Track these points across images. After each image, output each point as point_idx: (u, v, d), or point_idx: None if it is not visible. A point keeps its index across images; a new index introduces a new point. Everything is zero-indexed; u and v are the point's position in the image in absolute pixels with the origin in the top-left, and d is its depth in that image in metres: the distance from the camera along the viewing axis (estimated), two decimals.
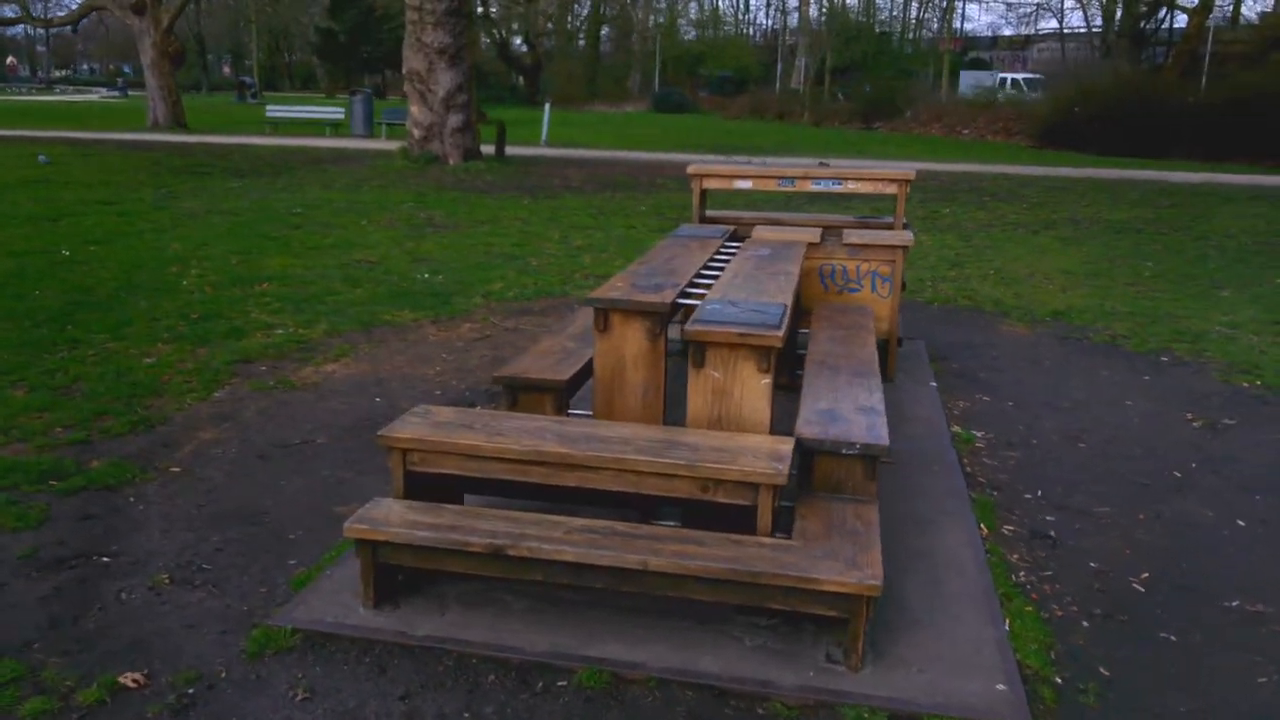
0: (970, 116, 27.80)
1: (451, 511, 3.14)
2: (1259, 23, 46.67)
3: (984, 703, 2.75)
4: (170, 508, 3.98)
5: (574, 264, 9.06)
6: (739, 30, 56.88)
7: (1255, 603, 3.43)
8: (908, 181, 5.92)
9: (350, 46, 47.79)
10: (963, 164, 19.94)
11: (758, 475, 3.02)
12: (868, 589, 2.78)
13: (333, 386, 5.54)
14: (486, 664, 2.94)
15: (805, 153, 21.59)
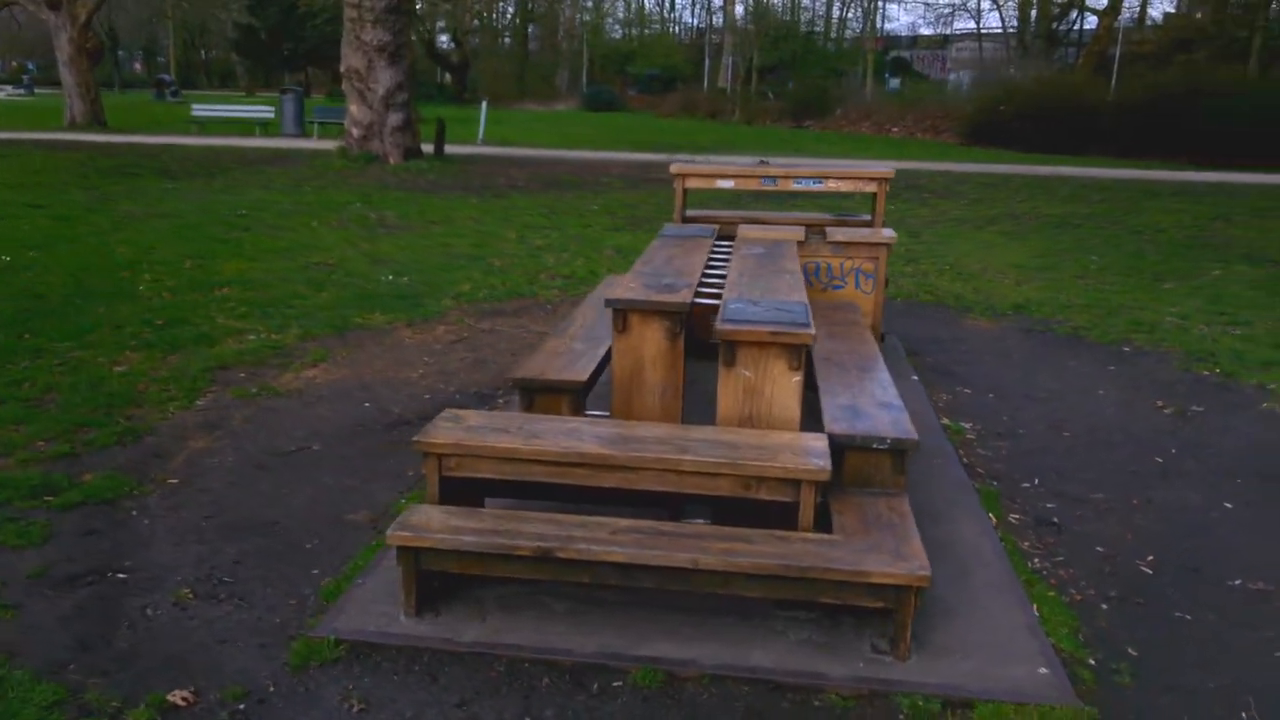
0: (899, 114, 28.38)
1: (492, 515, 3.13)
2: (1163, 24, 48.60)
3: (1031, 686, 2.84)
4: (176, 520, 3.88)
5: (537, 264, 9.03)
6: (665, 29, 57.09)
7: (1256, 581, 3.59)
8: (887, 180, 6.05)
9: (271, 43, 46.71)
10: (897, 161, 20.30)
11: (801, 472, 3.07)
12: (917, 579, 2.85)
13: (317, 392, 5.44)
14: (538, 667, 2.94)
15: (743, 151, 21.79)
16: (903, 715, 2.75)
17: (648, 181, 16.22)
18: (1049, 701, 2.78)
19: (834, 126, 29.29)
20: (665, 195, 14.46)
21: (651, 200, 13.85)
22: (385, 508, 4.04)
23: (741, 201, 13.41)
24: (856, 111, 29.77)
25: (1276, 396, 5.62)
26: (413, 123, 17.18)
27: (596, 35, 52.23)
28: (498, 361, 6.05)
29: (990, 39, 54.19)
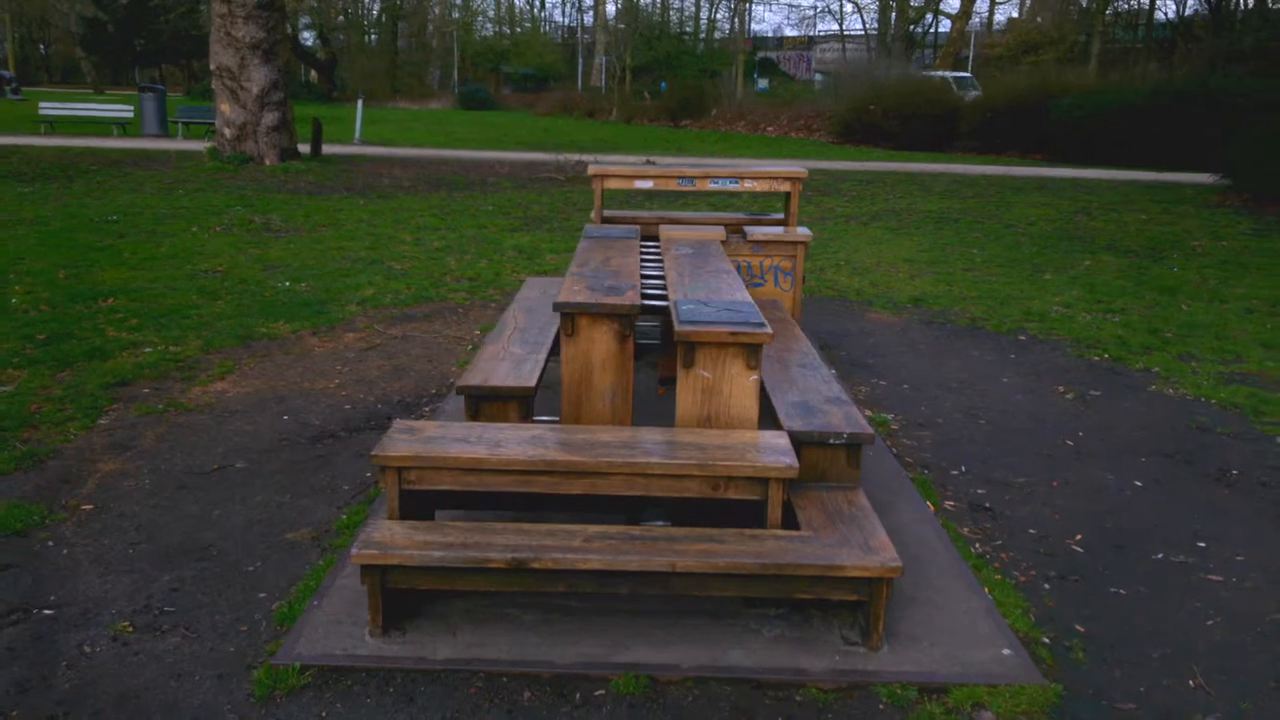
0: (773, 114, 29.00)
1: (457, 528, 3.06)
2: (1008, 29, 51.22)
3: (999, 668, 2.95)
4: (99, 549, 3.65)
5: (439, 267, 8.85)
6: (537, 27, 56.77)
7: (1176, 554, 3.83)
8: (800, 180, 6.17)
9: (121, 38, 44.32)
10: (776, 160, 20.77)
11: (769, 470, 3.10)
12: (889, 570, 2.93)
13: (230, 406, 5.20)
14: (517, 681, 2.89)
15: (626, 150, 21.87)
16: (882, 704, 2.82)
17: (536, 181, 16.11)
18: (1017, 681, 2.89)
19: (711, 126, 29.71)
20: (558, 194, 14.42)
21: (544, 200, 13.76)
22: (325, 525, 3.89)
23: (644, 201, 13.47)
24: (732, 111, 30.27)
25: (1162, 379, 5.99)
26: (289, 122, 16.60)
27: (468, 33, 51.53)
28: (416, 369, 5.91)
29: (853, 40, 56.08)
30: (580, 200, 13.80)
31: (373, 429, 4.95)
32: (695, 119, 30.52)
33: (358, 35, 49.01)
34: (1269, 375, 6.11)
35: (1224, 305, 8.02)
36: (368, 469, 4.44)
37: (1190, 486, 4.46)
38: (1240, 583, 3.60)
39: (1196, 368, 6.24)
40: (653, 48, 38.82)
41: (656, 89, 38.45)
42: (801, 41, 62.19)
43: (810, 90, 36.84)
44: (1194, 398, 5.66)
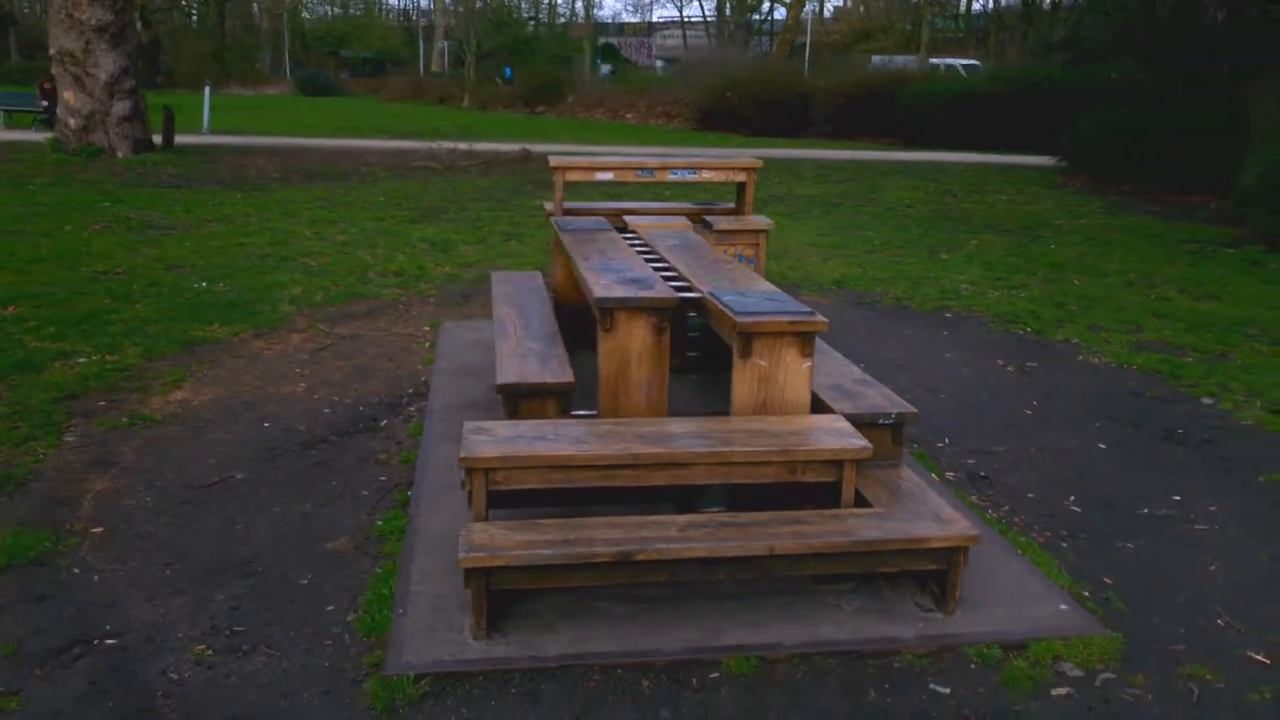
0: (631, 101, 29.25)
1: (554, 526, 3.08)
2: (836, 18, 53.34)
3: (1065, 622, 3.22)
4: (132, 572, 3.46)
5: (356, 262, 8.60)
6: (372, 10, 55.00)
7: (1158, 509, 4.23)
8: (755, 170, 6.35)
9: None
10: (643, 146, 21.01)
11: (845, 452, 3.26)
12: (968, 539, 3.15)
13: (199, 416, 4.97)
14: (632, 671, 2.95)
15: (491, 137, 21.60)
16: (973, 664, 3.04)
17: (412, 170, 15.75)
18: (1084, 633, 3.17)
19: (569, 113, 29.69)
20: (443, 184, 14.16)
21: (431, 190, 13.49)
22: (363, 532, 3.81)
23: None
24: (591, 98, 30.33)
25: (1084, 350, 6.51)
26: (142, 112, 15.63)
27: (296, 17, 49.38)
28: (379, 369, 5.78)
29: (693, 28, 57.06)
30: (469, 190, 13.61)
31: (362, 432, 4.84)
32: (551, 105, 30.42)
33: (181, 17, 46.26)
34: (1168, 342, 6.74)
35: (1106, 279, 8.74)
36: (381, 473, 4.35)
37: (1146, 446, 4.91)
38: (1223, 531, 4.02)
39: (1108, 338, 6.81)
40: (501, 32, 38.34)
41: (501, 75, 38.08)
42: (642, 28, 62.81)
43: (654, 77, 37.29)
44: (1116, 365, 6.20)
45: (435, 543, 3.62)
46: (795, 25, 45.69)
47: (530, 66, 35.59)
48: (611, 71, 46.37)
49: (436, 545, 3.61)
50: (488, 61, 40.68)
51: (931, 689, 2.93)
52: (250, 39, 47.97)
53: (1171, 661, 3.10)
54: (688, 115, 27.29)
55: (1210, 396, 5.62)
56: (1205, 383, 5.84)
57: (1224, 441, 4.97)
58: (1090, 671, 3.02)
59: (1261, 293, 8.31)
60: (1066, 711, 2.85)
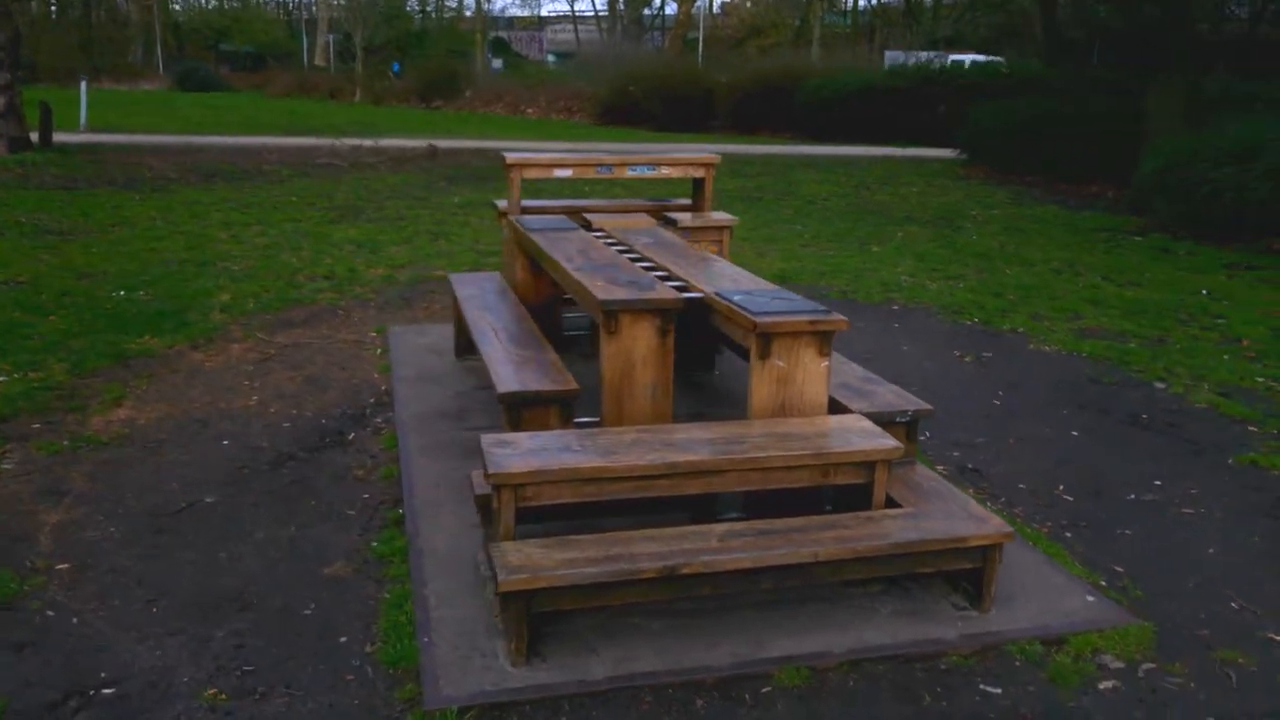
0: (531, 96, 28.89)
1: (590, 542, 2.94)
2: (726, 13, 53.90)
3: (1096, 614, 3.24)
4: (114, 612, 3.17)
5: (282, 265, 8.20)
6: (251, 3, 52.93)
7: (1144, 494, 4.32)
8: (713, 165, 6.27)
9: None
10: (550, 142, 20.76)
11: (877, 453, 3.21)
12: (1004, 536, 3.13)
13: (149, 436, 4.62)
14: (683, 690, 2.84)
15: (393, 133, 21.00)
16: (1018, 662, 3.02)
17: (317, 168, 15.18)
18: (1116, 624, 3.19)
19: (467, 107, 29.15)
20: (355, 182, 13.67)
21: (343, 188, 13.01)
22: (359, 555, 3.58)
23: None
24: (489, 93, 29.84)
25: (1033, 339, 6.66)
26: (18, 108, 14.67)
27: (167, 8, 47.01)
28: (332, 379, 5.49)
29: (584, 22, 56.85)
30: (382, 188, 13.18)
31: (330, 446, 4.58)
32: (448, 100, 29.83)
33: (42, 6, 43.60)
34: (1108, 328, 6.95)
35: (1035, 268, 8.98)
36: (363, 491, 4.12)
37: (1116, 432, 5.02)
38: (1210, 514, 4.12)
39: (1051, 326, 6.98)
40: (391, 26, 37.37)
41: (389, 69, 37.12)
42: (532, 22, 62.21)
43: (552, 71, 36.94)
44: (1066, 353, 6.35)
45: (444, 563, 3.43)
46: (687, 20, 45.91)
47: (422, 61, 34.78)
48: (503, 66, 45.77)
49: (446, 566, 3.41)
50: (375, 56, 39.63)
51: (982, 689, 2.90)
52: (118, 31, 45.56)
53: (1202, 647, 3.15)
54: (590, 110, 27.12)
55: (1161, 381, 5.80)
56: (1153, 367, 6.04)
57: (1186, 425, 5.12)
58: (1131, 663, 3.04)
59: (1178, 279, 8.67)
60: (1117, 705, 2.85)
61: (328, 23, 47.04)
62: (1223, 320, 7.24)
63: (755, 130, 25.08)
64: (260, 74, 41.31)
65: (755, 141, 22.83)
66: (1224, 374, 5.93)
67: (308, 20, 51.48)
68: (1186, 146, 10.86)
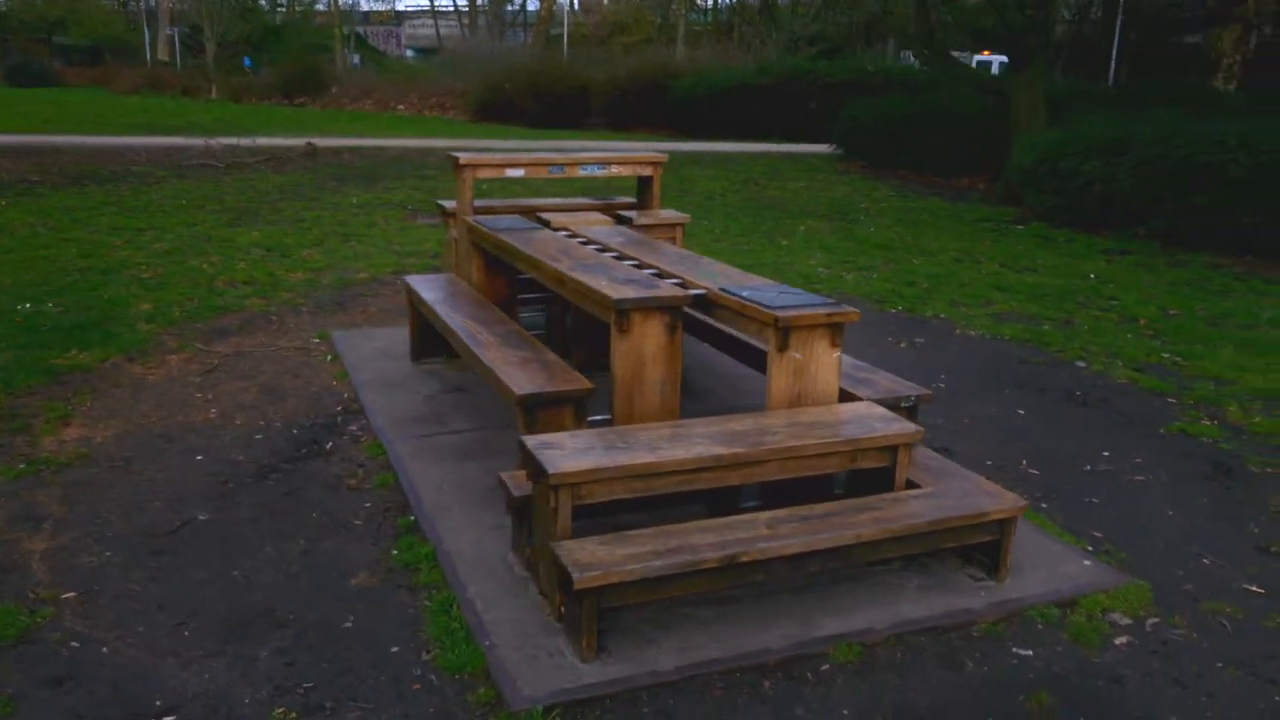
0: (402, 93, 28.28)
1: (646, 536, 3.00)
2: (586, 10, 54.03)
3: (1096, 576, 3.51)
4: (143, 638, 3.05)
5: (193, 271, 7.85)
6: None
7: (1097, 465, 4.67)
8: (661, 163, 6.36)
9: None
10: (428, 139, 20.42)
11: (900, 438, 3.38)
12: (1020, 509, 3.36)
13: (112, 454, 4.41)
14: (749, 673, 2.94)
15: (263, 132, 20.23)
16: (1040, 625, 3.25)
17: (193, 169, 14.50)
18: (1116, 585, 3.46)
19: (334, 104, 28.29)
20: (240, 183, 13.15)
21: (230, 190, 12.49)
22: (380, 563, 3.54)
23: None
24: (356, 89, 29.04)
25: (958, 324, 7.04)
26: None
27: None
28: (289, 388, 5.34)
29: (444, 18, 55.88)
30: (269, 189, 12.72)
31: (310, 457, 4.47)
32: (314, 97, 28.89)
33: None
34: (1020, 312, 7.41)
35: (937, 258, 9.46)
36: (363, 500, 4.04)
37: (1057, 409, 5.39)
38: (1158, 480, 4.50)
39: (969, 312, 7.39)
40: (246, 20, 35.87)
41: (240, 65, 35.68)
42: (389, 17, 60.82)
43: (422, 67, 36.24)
44: (991, 336, 6.75)
45: (475, 566, 3.43)
46: (549, 16, 45.84)
47: (281, 57, 33.56)
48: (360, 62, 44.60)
49: (478, 569, 3.41)
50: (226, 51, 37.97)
51: (1015, 652, 3.11)
52: None
53: (1191, 600, 3.45)
54: (463, 107, 26.78)
55: (1081, 360, 6.25)
56: (1070, 347, 6.49)
57: (1114, 400, 5.54)
58: (1137, 619, 3.31)
59: (1065, 264, 9.29)
60: (1135, 657, 3.11)
61: (170, 16, 44.81)
62: (1116, 302, 7.82)
63: (631, 127, 25.30)
64: (98, 69, 39.01)
65: (633, 138, 23.03)
66: (1133, 352, 6.43)
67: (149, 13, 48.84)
68: (1054, 141, 11.62)
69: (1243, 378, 5.95)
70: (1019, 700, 2.89)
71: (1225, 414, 5.33)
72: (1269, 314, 7.57)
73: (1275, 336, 6.95)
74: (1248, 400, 5.55)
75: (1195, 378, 5.95)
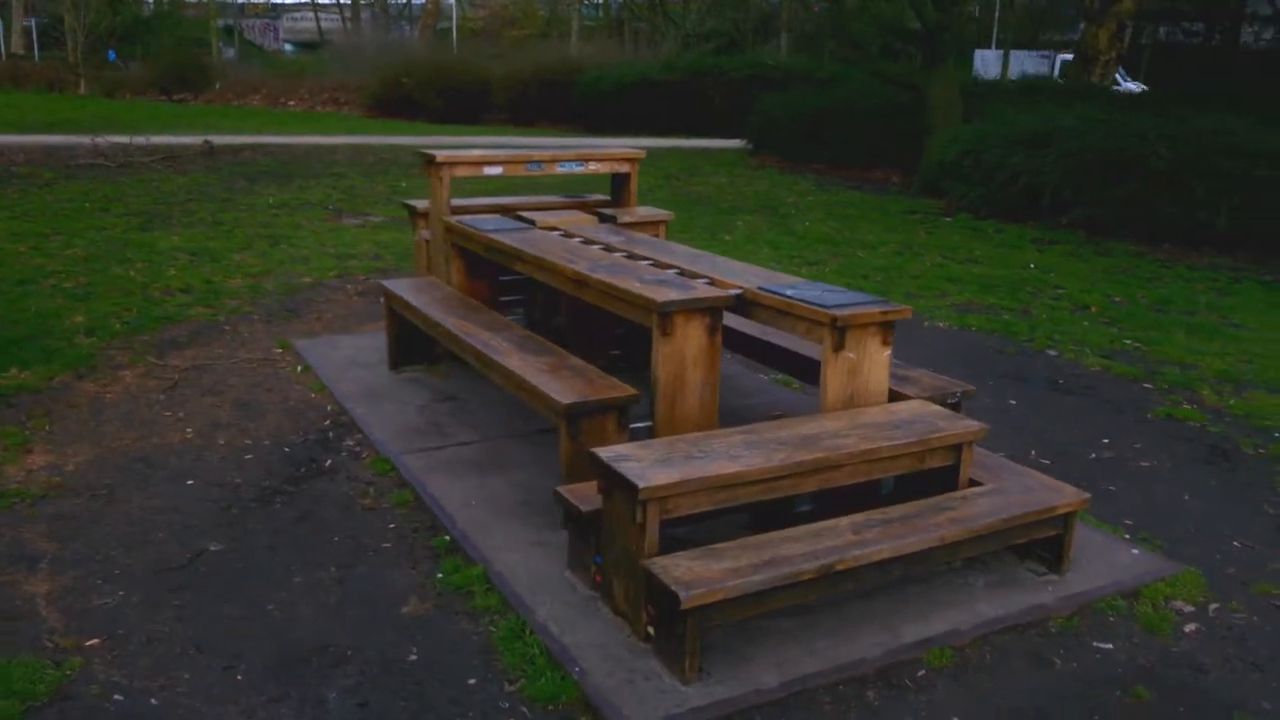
0: (292, 88, 27.21)
1: (734, 550, 2.88)
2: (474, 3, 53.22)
3: (1147, 565, 3.55)
4: (190, 684, 2.78)
5: (120, 279, 7.31)
6: None
7: (1101, 452, 4.75)
8: (638, 160, 6.22)
9: None
10: (325, 136, 19.70)
11: (965, 435, 3.35)
12: (1083, 502, 3.37)
13: (91, 483, 4.04)
14: (850, 685, 2.85)
15: (151, 130, 19.17)
16: (1112, 617, 3.26)
17: (82, 169, 13.59)
18: (1169, 573, 3.51)
19: (219, 100, 27.04)
20: (137, 184, 12.41)
21: (131, 192, 11.74)
22: (428, 588, 3.32)
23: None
24: (243, 84, 27.81)
25: (924, 315, 7.11)
26: None
27: None
28: (264, 402, 5.01)
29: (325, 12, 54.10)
30: (175, 190, 12.03)
31: (312, 476, 4.19)
32: (196, 92, 27.57)
33: None
34: (978, 303, 7.55)
35: (878, 250, 9.58)
36: (386, 520, 3.80)
37: (1043, 398, 5.49)
38: (1163, 466, 4.61)
39: (931, 304, 7.49)
40: (116, 11, 33.92)
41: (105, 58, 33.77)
42: (265, 9, 58.65)
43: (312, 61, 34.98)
44: (958, 328, 6.84)
45: (536, 586, 3.25)
46: (435, 10, 44.97)
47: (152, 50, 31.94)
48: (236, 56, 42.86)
49: (540, 589, 3.23)
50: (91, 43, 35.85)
51: (1096, 646, 3.12)
52: None
53: (1239, 584, 3.53)
54: (359, 102, 25.99)
55: (1052, 349, 6.39)
56: (1037, 337, 6.63)
57: (1097, 388, 5.68)
58: (1199, 605, 3.36)
59: (1002, 255, 9.53)
60: (1209, 644, 3.15)
61: (25, 5, 42.14)
62: (1063, 290, 8.05)
63: (535, 122, 25.00)
64: None
65: (538, 133, 22.74)
66: (1097, 340, 6.61)
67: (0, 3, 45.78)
68: (978, 134, 11.94)
69: (1202, 361, 6.18)
70: (1116, 695, 2.88)
71: (1201, 398, 5.52)
72: (1204, 299, 7.91)
73: (1215, 321, 7.26)
74: (1216, 383, 5.76)
75: (1160, 362, 6.15)
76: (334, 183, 13.12)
